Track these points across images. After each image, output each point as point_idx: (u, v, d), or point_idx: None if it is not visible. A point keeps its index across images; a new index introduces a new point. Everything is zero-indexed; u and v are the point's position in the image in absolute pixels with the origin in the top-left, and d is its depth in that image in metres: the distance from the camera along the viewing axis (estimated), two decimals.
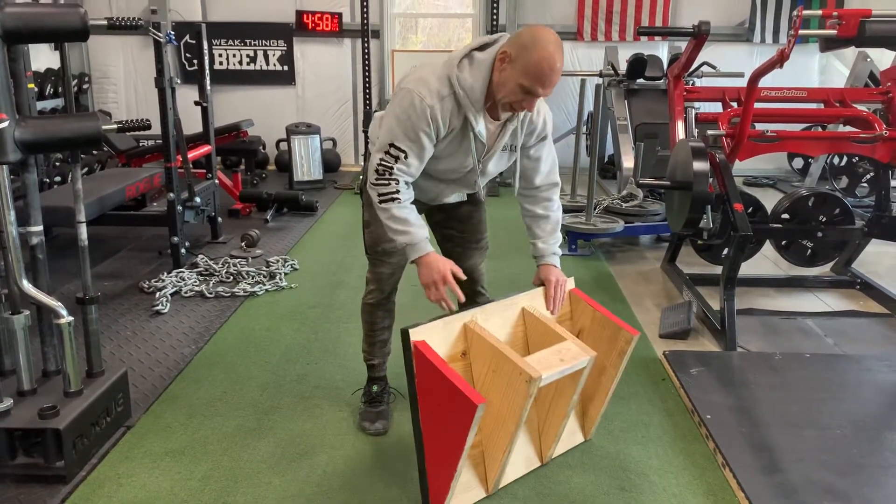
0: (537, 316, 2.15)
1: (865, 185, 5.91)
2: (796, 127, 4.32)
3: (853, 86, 5.48)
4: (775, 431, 2.37)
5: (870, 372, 2.84)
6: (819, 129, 5.37)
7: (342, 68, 7.61)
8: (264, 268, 4.04)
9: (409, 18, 8.18)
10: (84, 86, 7.26)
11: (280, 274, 3.96)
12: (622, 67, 6.10)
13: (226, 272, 3.94)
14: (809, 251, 3.94)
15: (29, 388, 2.19)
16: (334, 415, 2.51)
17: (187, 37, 7.14)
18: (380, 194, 2.00)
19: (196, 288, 3.72)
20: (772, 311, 3.59)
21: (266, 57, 7.55)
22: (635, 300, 3.74)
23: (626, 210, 4.85)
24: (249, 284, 3.79)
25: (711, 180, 3.25)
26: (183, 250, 4.09)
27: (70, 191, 2.31)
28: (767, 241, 3.96)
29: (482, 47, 1.97)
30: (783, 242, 3.94)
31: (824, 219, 3.78)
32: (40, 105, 5.90)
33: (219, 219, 4.75)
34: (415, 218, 2.03)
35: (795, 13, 2.94)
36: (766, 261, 4.32)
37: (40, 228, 2.23)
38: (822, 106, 3.82)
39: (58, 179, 4.90)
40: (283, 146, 7.01)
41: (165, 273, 3.89)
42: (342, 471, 2.18)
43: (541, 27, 1.90)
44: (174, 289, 3.69)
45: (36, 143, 2.13)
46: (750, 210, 3.75)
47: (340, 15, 7.42)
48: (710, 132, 3.47)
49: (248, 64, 7.58)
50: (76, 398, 2.18)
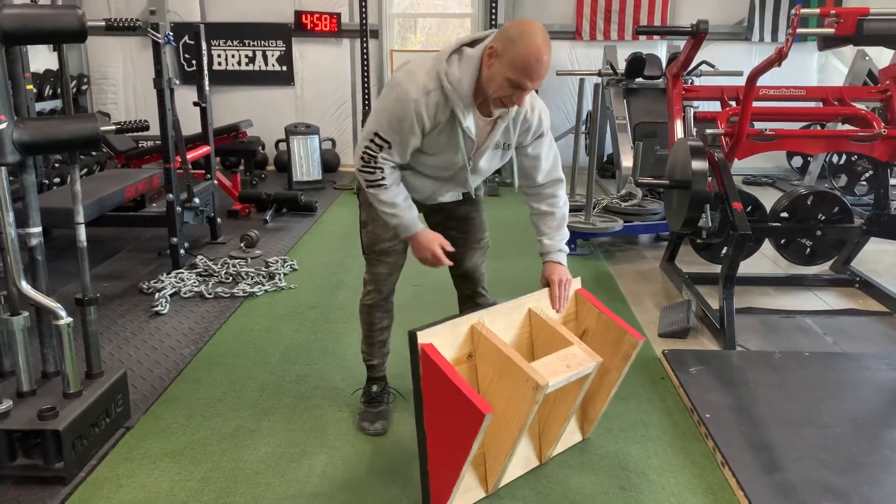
0: (543, 318, 2.13)
1: (864, 184, 5.91)
2: (795, 125, 4.31)
3: (852, 84, 5.49)
4: (774, 430, 2.37)
5: (869, 370, 2.84)
6: (818, 128, 5.37)
7: (341, 68, 7.60)
8: (263, 268, 4.04)
9: (408, 18, 8.17)
10: (83, 87, 7.26)
11: (279, 274, 3.96)
12: (621, 66, 6.10)
13: (225, 273, 3.94)
14: (808, 250, 3.95)
15: (28, 390, 2.19)
16: (334, 415, 2.51)
17: (186, 37, 7.13)
18: (366, 180, 2.11)
19: (195, 289, 3.72)
20: (771, 310, 3.59)
21: (265, 57, 7.55)
22: (634, 299, 3.74)
23: (625, 209, 4.84)
24: (249, 285, 3.79)
25: (710, 179, 3.26)
26: (182, 251, 4.09)
27: (69, 192, 2.31)
28: (766, 240, 3.97)
29: (473, 43, 1.98)
30: (782, 241, 3.94)
31: (823, 217, 3.78)
32: (39, 106, 5.90)
33: (218, 219, 4.75)
34: (402, 200, 2.11)
35: (794, 12, 2.94)
36: (766, 259, 4.33)
37: (39, 230, 2.22)
38: (821, 104, 3.82)
39: (57, 181, 4.90)
40: (283, 147, 7.00)
41: (165, 274, 3.89)
42: (342, 471, 2.18)
43: (527, 21, 1.90)
44: (173, 289, 3.69)
45: (34, 145, 2.13)
46: (749, 209, 3.75)
47: (339, 15, 7.41)
48: (709, 131, 3.47)
49: (247, 64, 7.57)
50: (75, 399, 2.18)
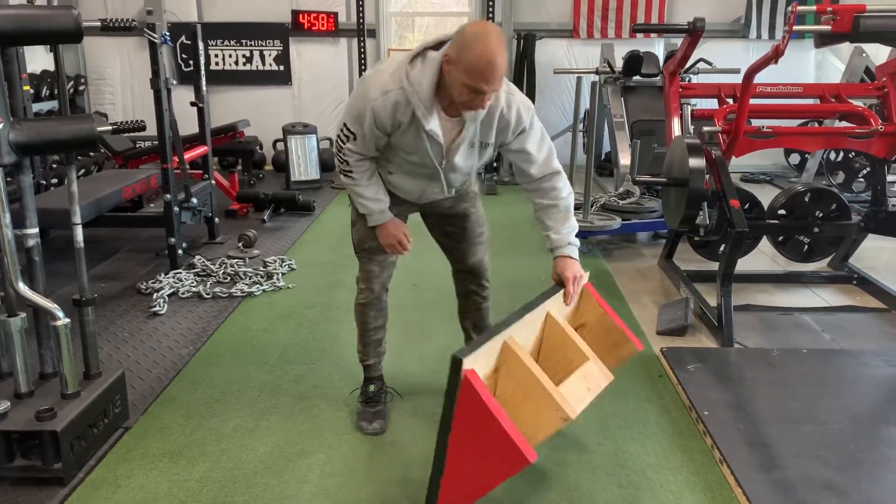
0: (559, 322, 2.09)
1: (862, 181, 5.91)
2: (792, 123, 4.31)
3: (849, 81, 5.49)
4: (773, 427, 2.37)
5: (867, 367, 2.84)
6: (815, 125, 5.37)
7: (338, 68, 7.60)
8: (261, 268, 4.04)
9: (406, 17, 8.17)
10: (80, 87, 7.25)
11: (277, 274, 3.95)
12: (618, 64, 6.10)
13: (223, 273, 3.94)
14: (806, 247, 3.95)
15: (26, 391, 2.19)
16: (332, 415, 2.51)
17: (183, 38, 7.13)
18: (340, 169, 2.19)
19: (193, 289, 3.71)
20: (769, 307, 3.60)
21: (262, 57, 7.55)
22: (633, 297, 3.74)
23: (623, 207, 4.85)
24: (247, 285, 3.79)
25: (708, 177, 3.26)
26: (180, 251, 4.09)
27: (66, 193, 2.30)
28: (764, 237, 3.97)
29: (438, 45, 1.97)
30: (780, 238, 3.94)
31: (821, 214, 3.78)
32: (36, 107, 5.89)
33: (216, 219, 4.75)
34: (371, 193, 2.19)
35: (790, 9, 2.94)
36: (763, 257, 4.33)
37: (36, 231, 2.22)
38: (818, 101, 3.82)
39: (54, 181, 4.90)
40: (280, 146, 6.99)
41: (162, 274, 3.89)
42: (340, 471, 2.18)
43: (480, 23, 1.91)
44: (171, 290, 3.69)
45: (31, 146, 2.12)
46: (746, 206, 3.75)
47: (336, 14, 7.41)
48: (706, 128, 3.47)
49: (245, 64, 7.57)
50: (73, 400, 2.18)
